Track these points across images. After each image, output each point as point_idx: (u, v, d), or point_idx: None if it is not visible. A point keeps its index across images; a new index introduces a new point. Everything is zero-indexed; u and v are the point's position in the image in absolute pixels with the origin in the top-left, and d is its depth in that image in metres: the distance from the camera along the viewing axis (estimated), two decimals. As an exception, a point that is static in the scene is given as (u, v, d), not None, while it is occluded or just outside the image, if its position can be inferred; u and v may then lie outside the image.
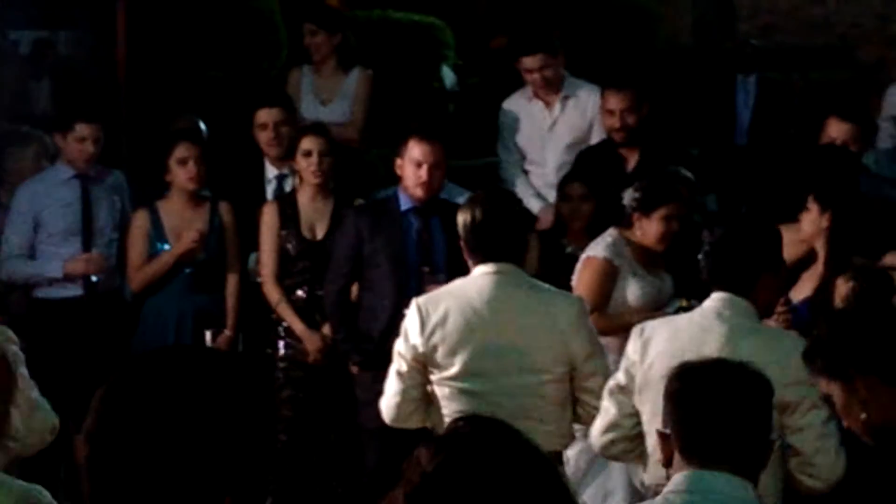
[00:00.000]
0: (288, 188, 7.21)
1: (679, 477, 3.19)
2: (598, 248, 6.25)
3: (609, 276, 6.18)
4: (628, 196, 6.24)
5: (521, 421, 4.93)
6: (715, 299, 4.64)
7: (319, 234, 6.85)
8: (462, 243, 5.15)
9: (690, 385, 3.28)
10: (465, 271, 5.26)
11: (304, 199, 6.91)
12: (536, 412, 4.98)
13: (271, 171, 7.34)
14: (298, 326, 6.80)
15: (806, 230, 5.92)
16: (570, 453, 6.30)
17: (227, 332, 6.90)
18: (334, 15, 8.67)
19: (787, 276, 6.13)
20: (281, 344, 6.87)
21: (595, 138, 7.85)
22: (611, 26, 11.04)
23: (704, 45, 12.21)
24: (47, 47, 9.74)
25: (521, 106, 8.11)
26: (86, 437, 2.18)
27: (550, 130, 8.02)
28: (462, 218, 5.12)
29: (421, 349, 5.02)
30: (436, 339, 5.01)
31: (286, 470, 6.72)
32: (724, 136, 10.40)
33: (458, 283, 5.16)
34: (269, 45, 9.50)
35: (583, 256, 6.28)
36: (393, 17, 10.26)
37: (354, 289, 6.60)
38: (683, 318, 4.82)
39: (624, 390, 4.64)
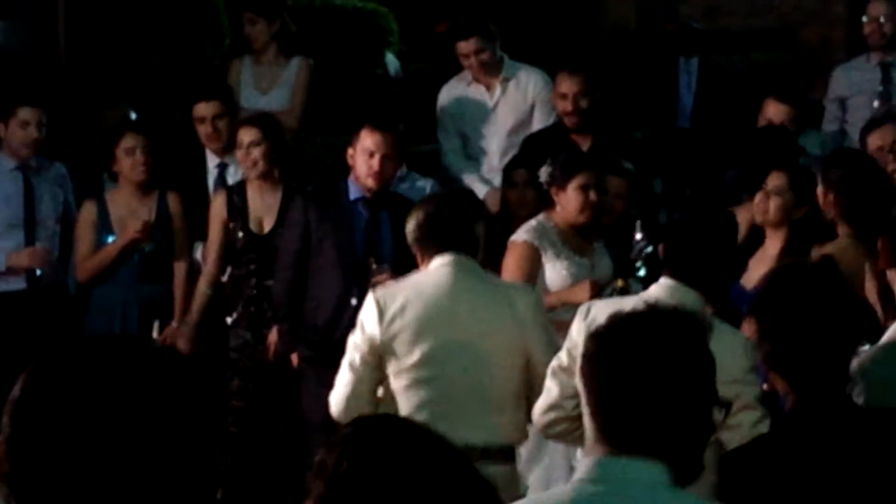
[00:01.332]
0: (230, 177, 7.18)
1: (587, 462, 2.75)
2: (520, 232, 6.26)
3: (530, 260, 6.16)
4: (544, 173, 6.24)
5: (478, 411, 4.98)
6: (662, 286, 4.65)
7: (266, 228, 6.84)
8: (413, 243, 5.15)
9: (607, 345, 2.76)
10: (411, 266, 5.26)
11: (252, 190, 6.91)
12: (494, 403, 5.01)
13: (212, 161, 7.32)
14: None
15: (772, 214, 5.92)
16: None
17: (174, 324, 6.88)
18: (273, 2, 8.63)
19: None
20: (230, 333, 6.86)
21: (536, 122, 7.85)
22: (556, 9, 11.04)
23: (647, 27, 12.23)
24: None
25: (461, 90, 8.10)
26: (9, 418, 2.21)
27: (492, 114, 8.01)
28: (415, 217, 5.15)
29: (379, 340, 5.00)
30: (395, 328, 5.00)
31: (236, 460, 6.71)
32: (667, 119, 10.42)
33: (415, 276, 5.18)
34: (212, 33, 9.43)
35: (509, 241, 6.30)
36: (335, 4, 10.21)
37: None
38: (629, 300, 4.83)
39: (566, 371, 4.65)
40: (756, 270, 5.95)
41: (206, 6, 9.51)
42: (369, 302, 5.08)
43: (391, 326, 5.00)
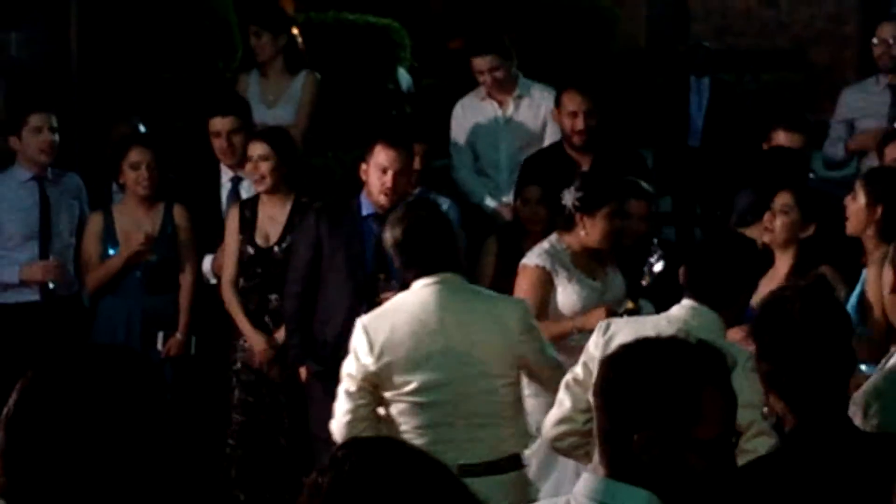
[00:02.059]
0: (243, 191, 7.19)
1: (586, 479, 2.80)
2: (532, 256, 6.22)
3: (543, 284, 6.13)
4: (570, 196, 6.20)
5: (479, 426, 4.97)
6: (685, 307, 4.64)
7: (272, 241, 6.85)
8: (396, 262, 5.16)
9: (615, 368, 2.76)
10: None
11: (263, 205, 6.92)
12: (494, 416, 5.00)
13: (226, 174, 7.32)
14: (246, 327, 6.79)
15: (780, 235, 5.92)
16: (527, 451, 6.32)
17: (179, 336, 6.90)
18: (279, 17, 8.64)
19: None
20: (237, 346, 6.86)
21: (548, 140, 7.87)
22: (567, 28, 11.07)
23: (658, 47, 12.27)
24: (-1, 49, 9.65)
25: (475, 105, 8.12)
26: (3, 431, 2.24)
27: (504, 130, 8.03)
28: (388, 236, 5.13)
29: (372, 369, 4.98)
30: (386, 357, 4.97)
31: (236, 474, 6.71)
32: (678, 138, 10.44)
33: (399, 298, 5.13)
34: (224, 46, 9.46)
35: (520, 265, 6.28)
36: (348, 19, 10.24)
37: None
38: (650, 320, 4.83)
39: (581, 384, 4.62)
40: (766, 290, 5.95)
41: (218, 20, 9.54)
42: (359, 330, 5.04)
43: (383, 356, 4.97)
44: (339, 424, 5.04)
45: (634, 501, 2.67)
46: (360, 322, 5.08)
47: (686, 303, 4.64)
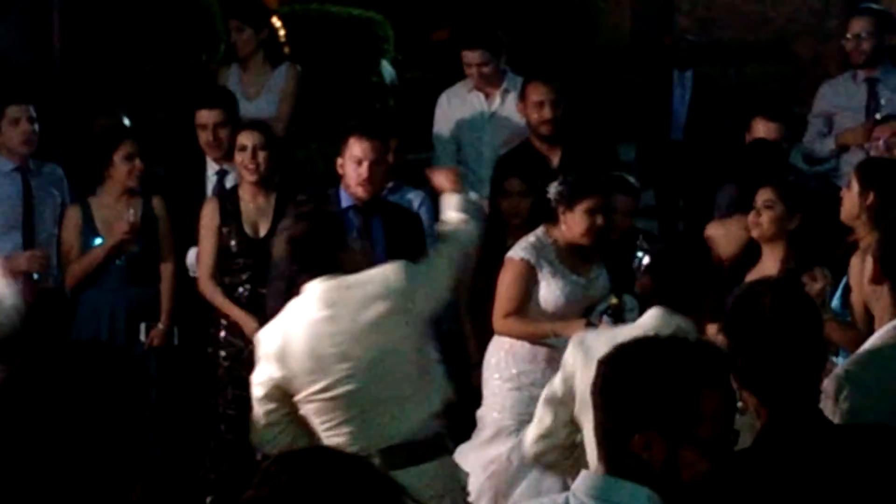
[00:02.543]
0: (229, 184, 7.18)
1: (584, 477, 2.82)
2: (517, 249, 6.22)
3: (525, 278, 6.14)
4: (553, 190, 6.22)
5: (398, 410, 4.94)
6: (655, 315, 4.62)
7: (262, 232, 6.82)
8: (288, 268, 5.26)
9: (615, 368, 2.79)
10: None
11: (246, 195, 6.88)
12: (409, 395, 4.98)
13: (212, 167, 7.31)
14: (235, 312, 6.77)
15: (765, 229, 5.94)
16: (503, 449, 6.32)
17: (161, 326, 6.90)
18: (260, 10, 8.63)
19: (727, 274, 6.18)
20: (222, 340, 6.84)
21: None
22: (551, 21, 11.08)
23: (642, 40, 12.27)
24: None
25: (461, 96, 8.11)
26: None
27: (489, 123, 8.02)
28: (282, 241, 5.24)
29: (276, 375, 5.04)
30: (289, 363, 5.01)
31: (230, 469, 6.70)
32: (661, 131, 10.45)
33: (291, 306, 5.16)
34: (208, 39, 9.45)
35: (505, 257, 6.28)
36: (331, 12, 10.24)
37: None
38: (623, 330, 4.82)
39: (561, 400, 4.61)
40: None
41: (201, 12, 9.53)
42: (260, 341, 5.15)
43: (284, 361, 5.02)
44: (254, 431, 5.14)
45: (634, 499, 2.70)
46: (260, 333, 5.20)
47: (655, 311, 4.63)
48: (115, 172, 6.93)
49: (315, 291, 5.05)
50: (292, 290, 6.47)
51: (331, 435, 5.00)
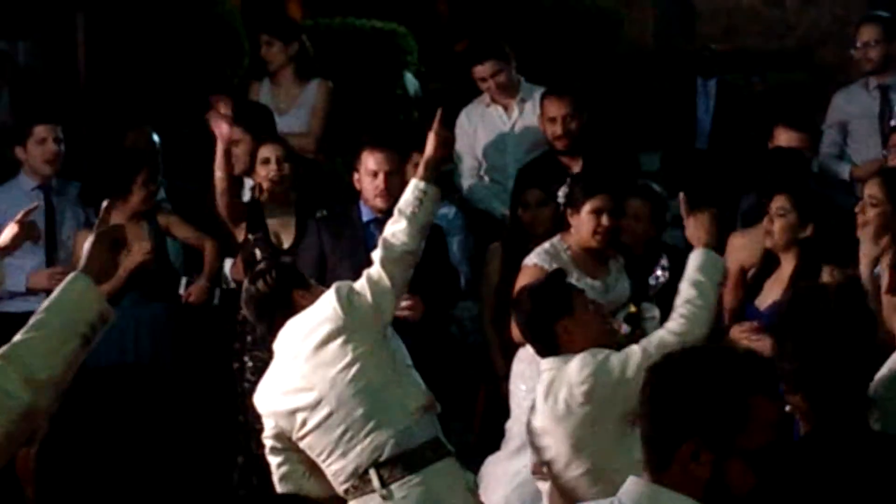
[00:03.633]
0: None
1: (633, 484, 2.81)
2: (532, 256, 6.24)
3: None
4: (561, 193, 6.25)
5: (379, 416, 5.01)
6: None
7: (286, 244, 6.85)
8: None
9: (663, 376, 2.78)
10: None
11: (268, 210, 6.91)
12: (377, 412, 5.04)
13: (248, 183, 7.32)
14: None
15: (779, 237, 5.92)
16: (529, 460, 6.34)
17: (203, 282, 6.92)
18: (290, 24, 8.66)
19: (749, 282, 6.18)
20: (246, 354, 6.85)
21: (551, 140, 7.86)
22: (573, 30, 11.06)
23: (665, 48, 12.24)
24: (5, 59, 9.69)
25: (480, 112, 8.14)
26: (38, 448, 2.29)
27: (509, 134, 8.04)
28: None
29: (272, 426, 5.25)
30: (268, 414, 5.26)
31: (260, 482, 6.71)
32: (685, 140, 10.42)
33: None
34: (232, 54, 9.48)
35: (522, 264, 6.29)
36: (354, 25, 10.25)
37: None
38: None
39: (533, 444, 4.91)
40: (770, 291, 5.96)
41: (224, 27, 9.56)
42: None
43: (266, 413, 5.28)
44: (277, 483, 5.33)
45: None
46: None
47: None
48: (133, 196, 6.95)
49: (281, 338, 5.21)
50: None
51: (328, 464, 5.09)
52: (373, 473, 4.97)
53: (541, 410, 4.86)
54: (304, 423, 5.09)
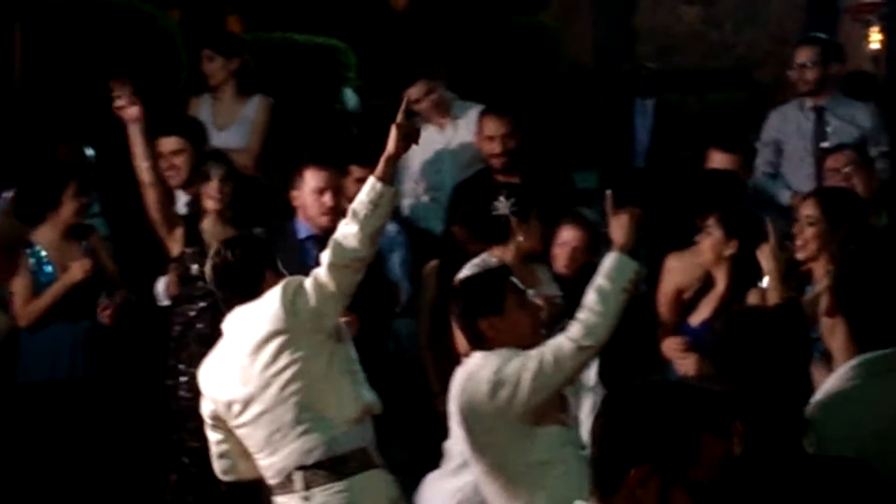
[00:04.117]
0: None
1: None
2: (464, 272, 6.26)
3: None
4: (504, 205, 6.28)
5: (311, 420, 5.02)
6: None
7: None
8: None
9: (620, 401, 2.81)
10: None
11: (206, 225, 6.87)
12: (317, 404, 5.06)
13: (182, 198, 7.27)
14: None
15: (707, 255, 5.98)
16: (470, 478, 6.32)
17: (122, 291, 6.89)
18: (232, 40, 8.62)
19: (686, 301, 6.22)
20: (180, 371, 6.80)
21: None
22: (512, 49, 11.09)
23: (604, 67, 12.31)
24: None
25: None
26: None
27: (446, 153, 8.04)
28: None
29: (209, 408, 5.26)
30: (208, 394, 5.23)
31: (196, 500, 6.68)
32: (623, 158, 10.48)
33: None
34: (169, 68, 9.43)
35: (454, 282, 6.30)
36: (294, 40, 10.22)
37: None
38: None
39: None
40: (703, 309, 6.02)
41: (164, 41, 9.51)
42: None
43: (207, 393, 5.25)
44: (214, 463, 5.36)
45: None
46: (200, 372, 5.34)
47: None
48: (64, 209, 6.90)
49: (227, 322, 5.19)
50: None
51: (258, 458, 5.15)
52: (297, 476, 5.03)
53: (452, 399, 4.94)
54: (237, 415, 5.12)
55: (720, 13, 13.38)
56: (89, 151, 7.67)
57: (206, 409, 5.27)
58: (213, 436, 5.28)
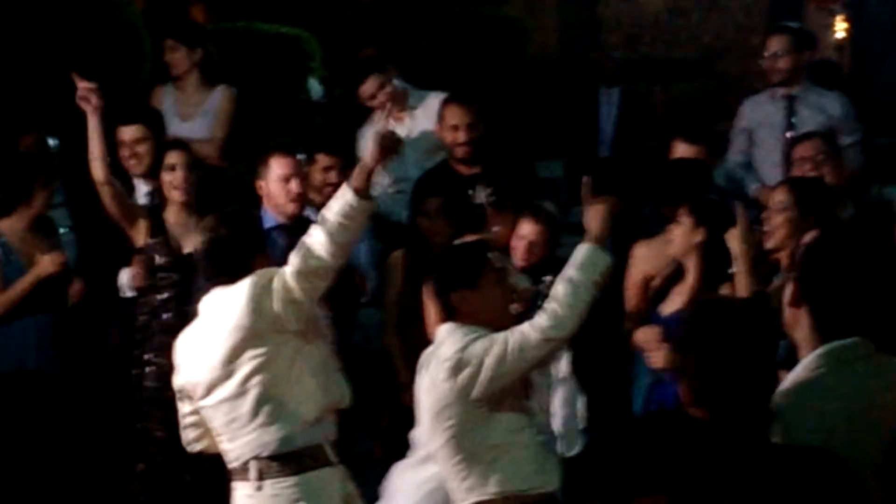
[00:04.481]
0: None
1: None
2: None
3: None
4: (483, 194, 6.27)
5: (270, 413, 4.99)
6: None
7: (188, 248, 6.78)
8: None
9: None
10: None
11: (170, 215, 6.83)
12: (278, 398, 5.02)
13: (141, 188, 7.24)
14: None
15: (677, 245, 5.98)
16: (437, 468, 6.33)
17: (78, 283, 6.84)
18: (195, 30, 8.58)
19: (654, 290, 6.23)
20: (146, 361, 6.77)
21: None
22: (477, 38, 11.10)
23: (569, 57, 12.33)
24: None
25: (375, 127, 8.11)
26: None
27: (407, 144, 8.03)
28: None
29: (178, 381, 5.23)
30: (181, 369, 5.20)
31: (161, 490, 6.66)
32: (588, 148, 10.49)
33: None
34: (133, 58, 9.38)
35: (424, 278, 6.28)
36: (258, 29, 10.19)
37: None
38: None
39: None
40: (675, 299, 6.01)
41: (127, 31, 9.46)
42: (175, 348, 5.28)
43: (180, 367, 5.21)
44: (182, 433, 5.33)
45: None
46: (177, 341, 5.27)
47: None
48: (35, 202, 6.86)
49: (209, 298, 5.15)
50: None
51: (218, 440, 5.17)
52: (252, 465, 5.04)
53: (419, 373, 4.93)
54: (201, 397, 5.13)
55: (686, 2, 13.41)
56: (52, 141, 7.62)
57: (177, 380, 5.24)
58: (182, 406, 5.27)
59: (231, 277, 5.09)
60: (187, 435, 5.31)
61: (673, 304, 6.03)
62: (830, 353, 3.47)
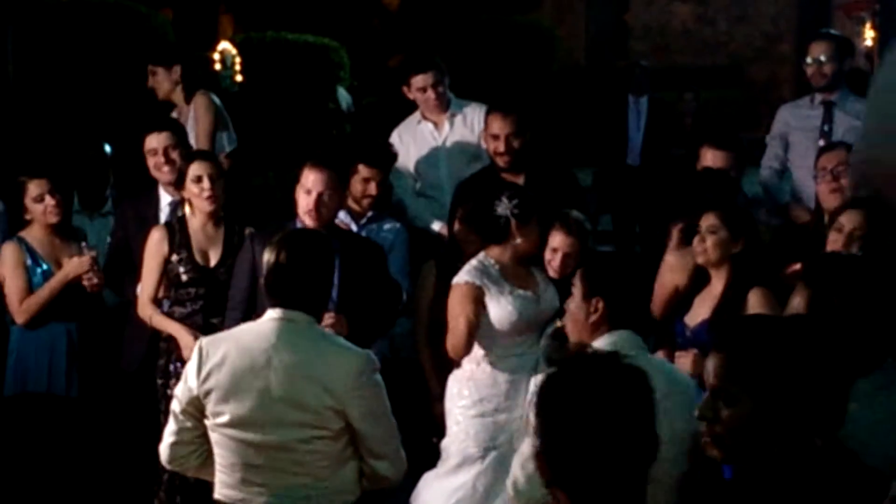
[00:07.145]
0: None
1: None
2: (462, 274, 6.22)
3: (473, 300, 6.13)
4: (505, 206, 6.26)
5: (292, 475, 4.70)
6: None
7: (213, 261, 6.79)
8: (262, 284, 4.95)
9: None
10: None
11: (196, 225, 6.84)
12: (309, 467, 4.75)
13: (165, 199, 7.27)
14: (173, 327, 6.70)
15: (712, 255, 5.96)
16: (468, 477, 6.31)
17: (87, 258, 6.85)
18: (168, 49, 8.67)
19: (680, 301, 6.21)
20: (171, 371, 6.79)
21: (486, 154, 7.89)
22: (507, 47, 11.11)
23: (598, 65, 12.33)
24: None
25: (411, 130, 8.14)
26: None
27: (442, 150, 8.05)
28: (266, 258, 4.91)
29: (195, 393, 4.78)
30: (210, 383, 4.76)
31: (185, 500, 6.67)
32: (617, 156, 10.48)
33: (244, 327, 4.95)
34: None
35: (452, 283, 6.26)
36: (286, 39, 10.23)
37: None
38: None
39: None
40: (700, 308, 6.00)
41: (158, 40, 9.50)
42: (195, 350, 4.84)
43: (208, 379, 4.76)
44: (164, 445, 4.89)
45: None
46: (198, 342, 4.88)
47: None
48: (32, 213, 6.89)
49: (273, 324, 4.79)
50: (249, 319, 6.41)
51: (223, 476, 4.82)
52: None
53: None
54: (227, 424, 4.77)
55: (713, 11, 13.39)
56: (108, 149, 7.71)
57: (190, 388, 4.81)
58: (182, 422, 4.83)
59: (289, 301, 4.80)
60: (174, 452, 4.87)
61: (698, 313, 6.01)
62: None
